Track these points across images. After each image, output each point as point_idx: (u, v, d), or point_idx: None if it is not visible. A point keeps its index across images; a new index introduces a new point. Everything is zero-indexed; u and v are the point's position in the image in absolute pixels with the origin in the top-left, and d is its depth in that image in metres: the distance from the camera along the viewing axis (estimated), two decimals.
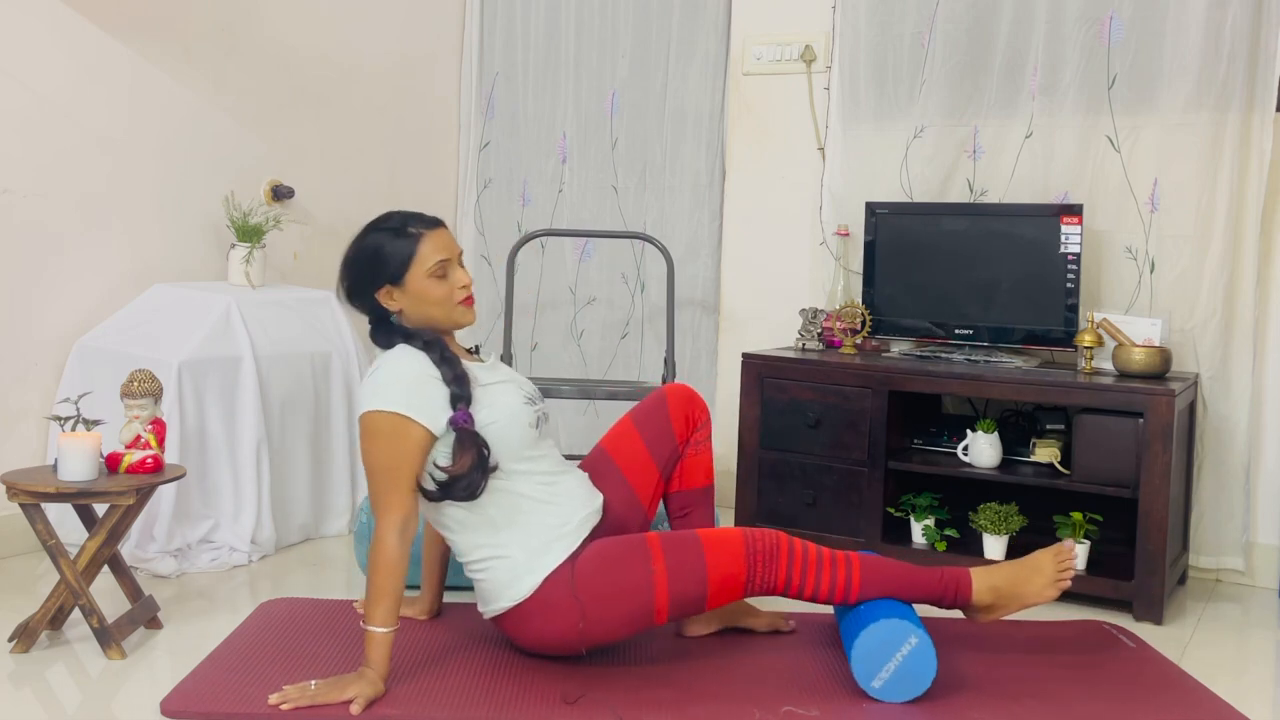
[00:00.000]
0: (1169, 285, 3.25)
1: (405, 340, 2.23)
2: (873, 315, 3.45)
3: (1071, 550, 2.37)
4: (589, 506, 2.31)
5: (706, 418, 2.53)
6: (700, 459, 2.52)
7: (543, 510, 2.24)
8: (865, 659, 2.17)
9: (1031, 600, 2.34)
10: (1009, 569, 2.36)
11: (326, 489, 3.42)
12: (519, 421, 2.25)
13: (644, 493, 2.45)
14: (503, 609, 2.24)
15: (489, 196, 4.41)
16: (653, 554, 2.21)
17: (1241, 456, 3.16)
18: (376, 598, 2.09)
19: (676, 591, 2.19)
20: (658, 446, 2.47)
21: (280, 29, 3.77)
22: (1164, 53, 3.23)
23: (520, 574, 2.20)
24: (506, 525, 2.22)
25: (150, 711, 2.07)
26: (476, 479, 2.16)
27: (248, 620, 2.55)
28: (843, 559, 2.27)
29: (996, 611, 2.35)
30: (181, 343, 3.05)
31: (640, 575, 2.19)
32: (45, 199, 3.11)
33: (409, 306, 2.25)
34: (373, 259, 2.24)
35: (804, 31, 3.81)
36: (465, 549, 2.26)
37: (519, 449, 2.24)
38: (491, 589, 2.25)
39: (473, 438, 2.16)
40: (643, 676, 2.26)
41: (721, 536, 2.24)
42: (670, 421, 2.48)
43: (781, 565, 2.22)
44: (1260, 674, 2.59)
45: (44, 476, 2.39)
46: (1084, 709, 2.18)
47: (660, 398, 2.51)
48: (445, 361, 2.19)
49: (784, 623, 2.57)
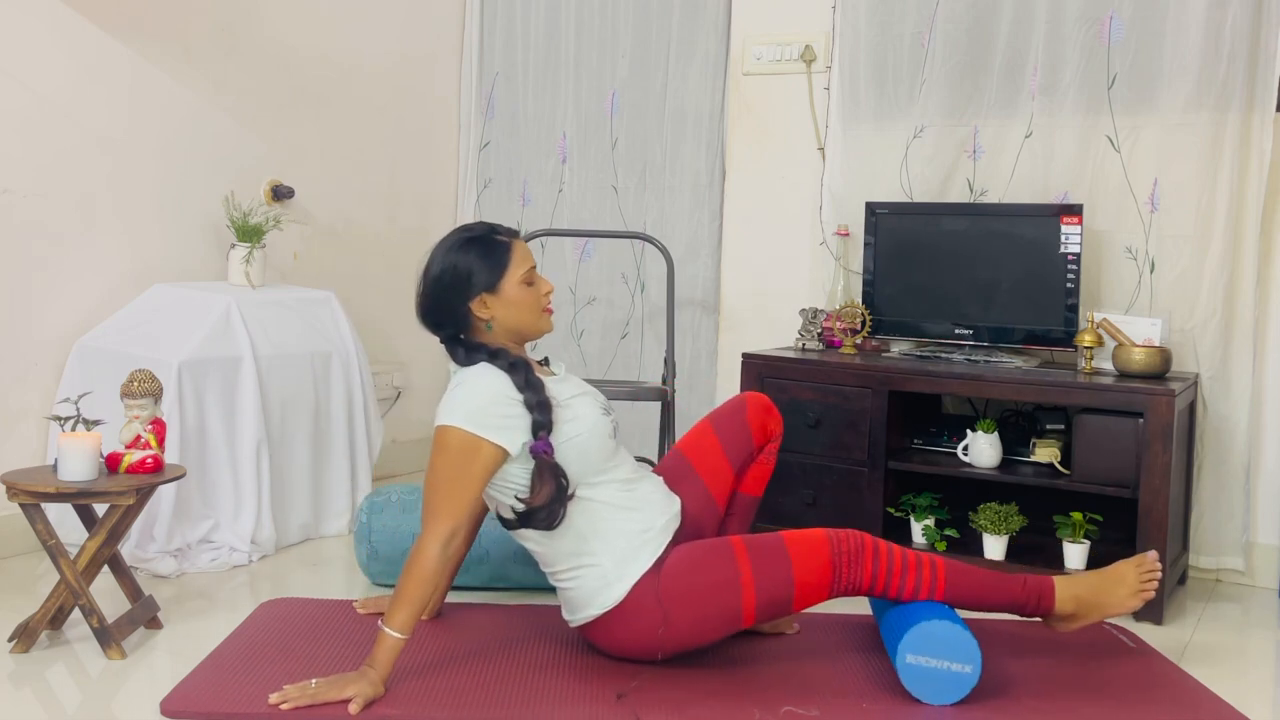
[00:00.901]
0: (1169, 285, 3.25)
1: (490, 358, 2.22)
2: (873, 315, 3.45)
3: (1155, 560, 2.37)
4: (669, 511, 2.32)
5: (780, 431, 2.58)
6: (763, 469, 2.56)
7: (626, 517, 2.25)
8: (923, 639, 2.15)
9: (1114, 610, 2.35)
10: (1092, 579, 2.37)
11: (326, 489, 3.42)
12: (599, 433, 2.26)
13: (720, 493, 2.48)
14: (592, 616, 2.24)
15: (489, 196, 4.41)
16: (738, 558, 2.21)
17: (1241, 456, 3.16)
18: (402, 603, 2.09)
19: (764, 594, 2.20)
20: (734, 449, 2.50)
21: (280, 29, 3.77)
22: (1164, 53, 3.23)
23: (610, 581, 2.21)
24: (592, 534, 2.22)
25: (150, 711, 2.07)
26: (556, 510, 2.17)
27: (248, 620, 2.55)
28: (927, 561, 2.26)
29: (1078, 621, 2.35)
30: (181, 343, 3.05)
31: (727, 579, 2.20)
32: (45, 199, 3.11)
33: (501, 314, 2.25)
34: (469, 266, 2.23)
35: (804, 31, 3.81)
36: (551, 559, 2.27)
37: (600, 460, 2.25)
38: (580, 597, 2.25)
39: (553, 469, 2.16)
40: (643, 677, 2.25)
41: (806, 538, 2.24)
42: (749, 427, 2.51)
43: (867, 566, 2.22)
44: (1260, 674, 2.59)
45: (44, 476, 2.39)
46: (1084, 709, 2.18)
47: (741, 402, 2.55)
48: (530, 386, 2.18)
49: (789, 625, 2.57)
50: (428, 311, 2.28)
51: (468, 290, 2.23)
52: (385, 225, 4.22)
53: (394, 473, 4.13)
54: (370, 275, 4.11)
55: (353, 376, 3.47)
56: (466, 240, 2.26)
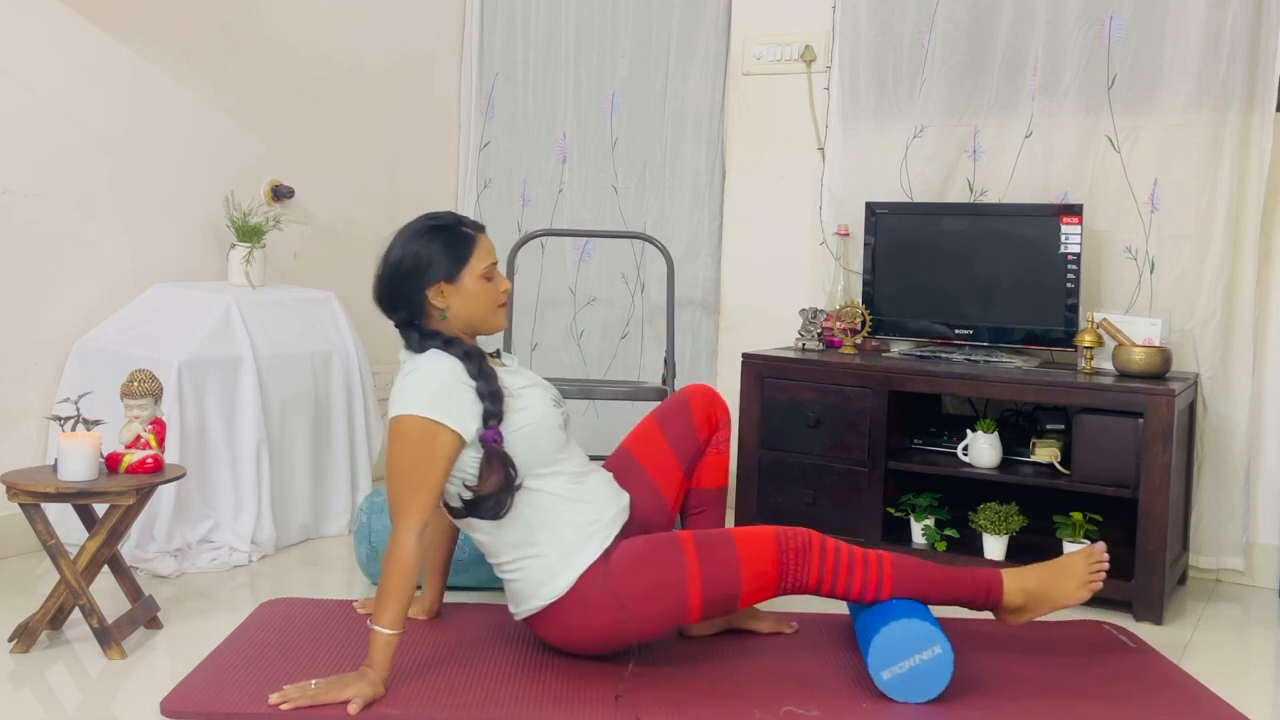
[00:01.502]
0: (1169, 285, 3.25)
1: (444, 346, 2.22)
2: (873, 315, 3.45)
3: (1103, 551, 2.38)
4: (617, 504, 2.32)
5: (728, 418, 2.56)
6: (719, 459, 2.54)
7: (574, 509, 2.25)
8: (884, 651, 2.16)
9: (1063, 602, 2.35)
10: (1040, 570, 2.37)
11: (326, 489, 3.42)
12: (549, 424, 2.26)
13: (669, 491, 2.47)
14: (537, 608, 2.24)
15: (489, 196, 4.41)
16: (686, 553, 2.21)
17: (1241, 456, 3.16)
18: (388, 600, 2.09)
19: (710, 590, 2.20)
20: (681, 445, 2.49)
21: (280, 29, 3.77)
22: (1164, 53, 3.23)
23: (555, 572, 2.21)
24: (539, 525, 2.23)
25: (150, 711, 2.07)
26: (504, 499, 2.17)
27: (248, 620, 2.55)
28: (874, 558, 2.27)
29: (1027, 613, 2.35)
30: (181, 343, 3.05)
31: (675, 573, 2.20)
32: (45, 199, 3.11)
33: (457, 305, 2.25)
34: (430, 254, 2.23)
35: (804, 31, 3.81)
36: (496, 550, 2.27)
37: (549, 451, 2.25)
38: (524, 588, 2.25)
39: (501, 458, 2.16)
40: (643, 675, 2.26)
41: (754, 535, 2.25)
42: (693, 421, 2.50)
43: (814, 563, 2.23)
44: (1260, 674, 2.59)
45: (44, 476, 2.39)
46: (1084, 709, 2.18)
47: (683, 398, 2.53)
48: (483, 375, 2.19)
49: (786, 625, 2.57)
50: (384, 294, 2.29)
51: (426, 277, 2.24)
52: (385, 225, 4.16)
53: None
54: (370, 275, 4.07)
55: (353, 376, 3.47)
56: (431, 228, 2.27)
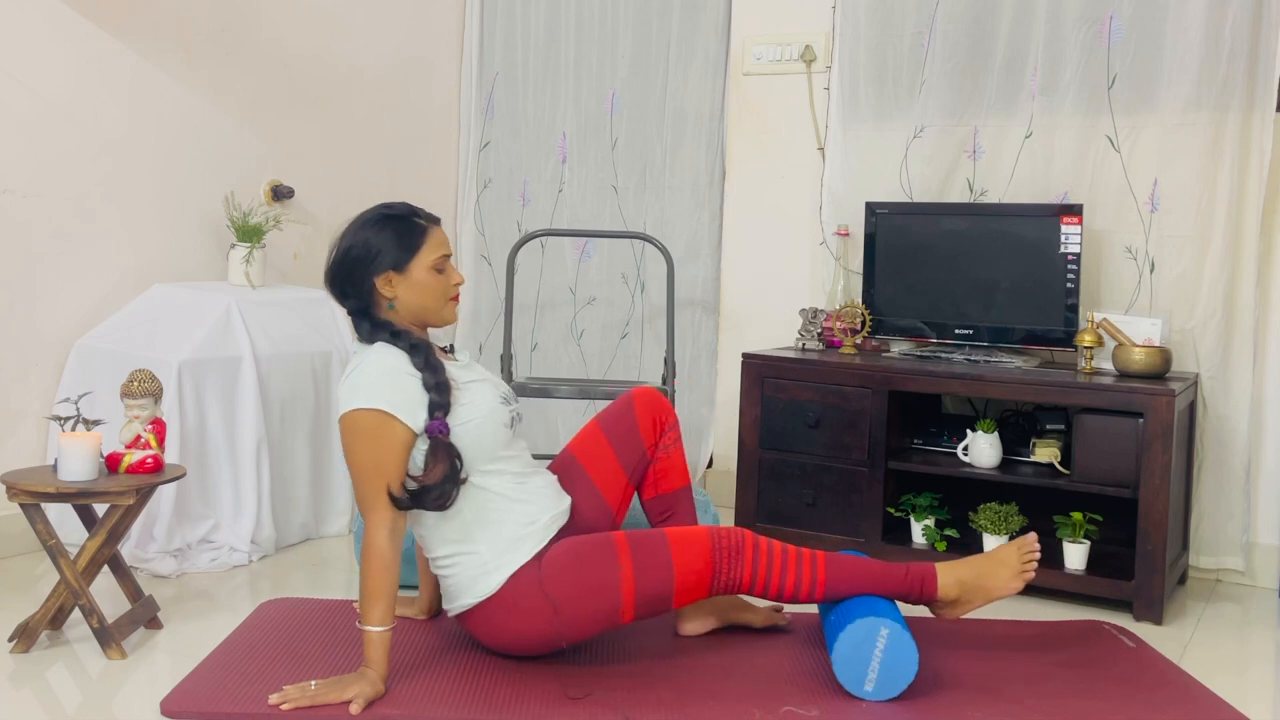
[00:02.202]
0: (1169, 285, 3.25)
1: (392, 338, 2.22)
2: (873, 315, 3.45)
3: (1035, 542, 2.37)
4: (557, 507, 2.32)
5: (674, 420, 2.53)
6: (673, 461, 2.52)
7: (513, 508, 2.25)
8: (848, 667, 2.17)
9: (998, 593, 2.34)
10: (973, 562, 2.37)
11: (326, 489, 3.42)
12: (495, 420, 2.25)
13: (612, 497, 2.45)
14: (467, 605, 2.24)
15: (489, 196, 4.41)
16: (619, 552, 2.21)
17: (1241, 456, 3.16)
18: (371, 598, 2.09)
19: (643, 589, 2.20)
20: (626, 452, 2.47)
21: (280, 29, 3.77)
22: (1164, 53, 3.23)
23: (488, 570, 2.21)
24: (477, 522, 2.22)
25: (150, 711, 2.07)
26: (449, 490, 2.16)
27: (248, 620, 2.55)
28: (808, 556, 2.28)
29: (963, 606, 2.35)
30: (181, 343, 3.05)
31: (607, 573, 2.20)
32: (45, 199, 3.11)
33: (405, 295, 2.24)
34: (380, 242, 2.22)
35: (804, 31, 3.81)
36: (433, 545, 2.27)
37: (494, 448, 2.25)
38: (457, 585, 2.25)
39: (447, 449, 2.16)
40: (642, 676, 2.26)
41: (687, 534, 2.25)
42: (638, 426, 2.48)
43: (746, 563, 2.23)
44: (1260, 674, 2.59)
45: (44, 476, 2.39)
46: (1084, 709, 2.18)
47: (627, 402, 2.51)
48: (429, 367, 2.18)
49: (781, 617, 2.58)
50: (334, 281, 2.27)
51: (374, 265, 2.22)
52: None
53: None
54: None
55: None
56: (384, 217, 2.26)
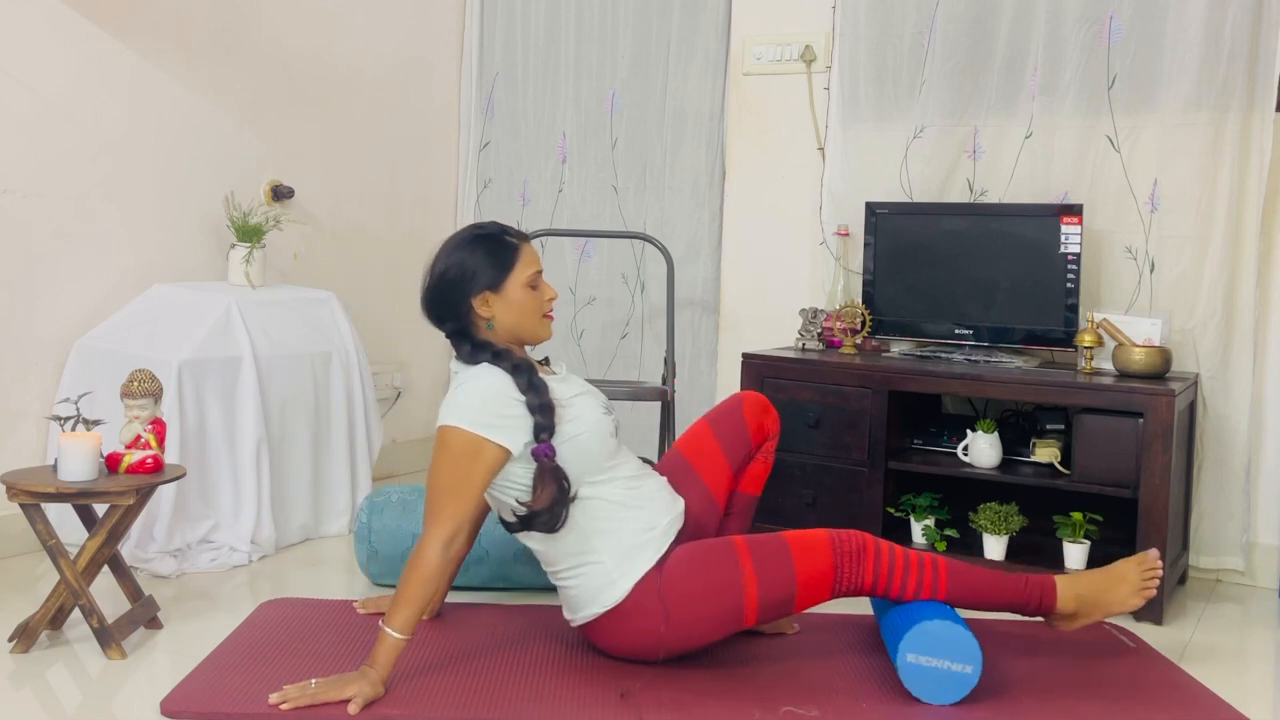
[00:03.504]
0: (1169, 285, 3.25)
1: (494, 358, 2.22)
2: (873, 315, 3.45)
3: (1156, 558, 2.38)
4: (673, 510, 2.32)
5: (778, 431, 2.58)
6: (763, 468, 2.56)
7: (630, 515, 2.25)
8: (925, 638, 2.15)
9: (1115, 609, 2.36)
10: (1094, 577, 2.38)
11: (326, 489, 3.42)
12: (601, 432, 2.26)
13: (720, 494, 2.48)
14: (594, 615, 2.25)
15: (489, 196, 4.41)
16: (741, 558, 2.21)
17: (1241, 456, 3.16)
18: (403, 603, 2.09)
19: (766, 594, 2.20)
20: (733, 448, 2.50)
21: (280, 30, 3.77)
22: (1164, 53, 3.23)
23: (613, 579, 2.21)
24: (595, 532, 2.23)
25: (150, 711, 2.07)
26: (559, 512, 2.17)
27: (248, 620, 2.55)
28: (929, 561, 2.27)
29: (1079, 620, 2.36)
30: (181, 343, 3.05)
31: (729, 578, 2.20)
32: (45, 199, 3.11)
33: (501, 314, 2.25)
34: (475, 262, 2.23)
35: (804, 31, 3.81)
36: (554, 558, 2.27)
37: (601, 460, 2.25)
38: (582, 596, 2.25)
39: (554, 472, 2.16)
40: (643, 676, 2.25)
41: (808, 538, 2.25)
42: (746, 427, 2.52)
43: (869, 567, 2.22)
44: (1260, 674, 2.59)
45: (44, 476, 2.39)
46: (1084, 709, 2.18)
47: (737, 402, 2.55)
48: (533, 389, 2.18)
49: (789, 625, 2.58)
50: (431, 305, 2.29)
51: (471, 287, 2.23)
52: (385, 226, 4.22)
53: (394, 473, 4.13)
54: (370, 275, 4.11)
55: (353, 376, 3.47)
56: (476, 237, 2.27)
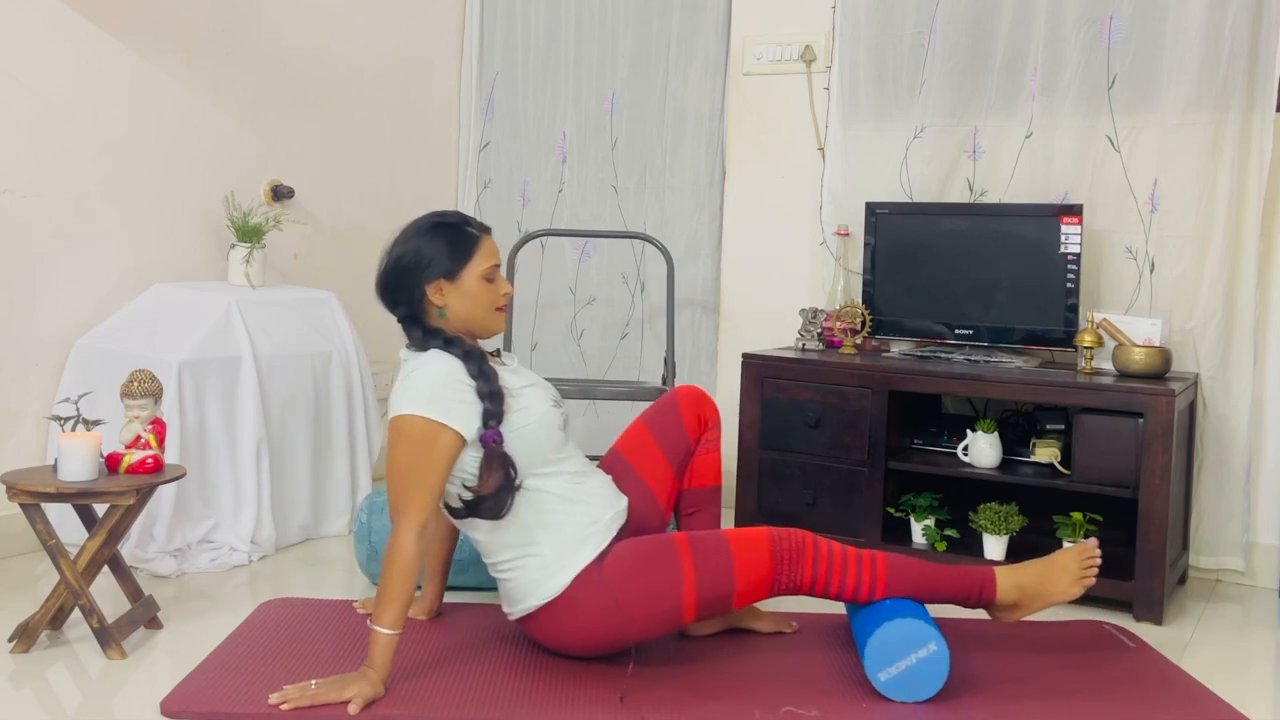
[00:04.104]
0: (1169, 285, 3.25)
1: (445, 345, 2.23)
2: (873, 315, 3.45)
3: (1095, 547, 2.38)
4: (615, 506, 2.33)
5: (717, 418, 2.56)
6: (710, 458, 2.54)
7: (572, 509, 2.25)
8: (880, 651, 2.17)
9: (1056, 599, 2.36)
10: (1033, 567, 2.38)
11: (326, 489, 3.42)
12: (549, 424, 2.27)
13: (661, 493, 2.47)
14: (532, 608, 2.24)
15: (489, 196, 4.41)
16: (681, 554, 2.22)
17: (1241, 456, 3.16)
18: (387, 600, 2.09)
19: (705, 590, 2.21)
20: (671, 447, 2.49)
21: (280, 30, 3.77)
22: (1164, 53, 3.23)
23: (551, 572, 2.21)
24: (537, 525, 2.23)
25: (150, 711, 2.07)
26: (504, 498, 2.17)
27: (248, 620, 2.55)
28: (868, 558, 2.28)
29: (1021, 611, 2.36)
30: (181, 343, 3.05)
31: (669, 574, 2.20)
32: (45, 199, 3.11)
33: (455, 304, 2.26)
34: (433, 250, 2.24)
35: (804, 31, 3.81)
36: (493, 549, 2.27)
37: (548, 452, 2.26)
38: (520, 588, 2.25)
39: (501, 458, 2.17)
40: (644, 676, 2.25)
41: (748, 535, 2.26)
42: (683, 423, 2.51)
43: (807, 564, 2.24)
44: (1260, 674, 2.59)
45: (44, 476, 2.39)
46: (1084, 709, 2.18)
47: (672, 399, 2.54)
48: (484, 375, 2.19)
49: (787, 625, 2.57)
50: (385, 288, 2.30)
51: (426, 273, 2.24)
52: (385, 225, 4.16)
53: None
54: (370, 275, 4.04)
55: (353, 376, 3.47)
56: (436, 225, 2.28)
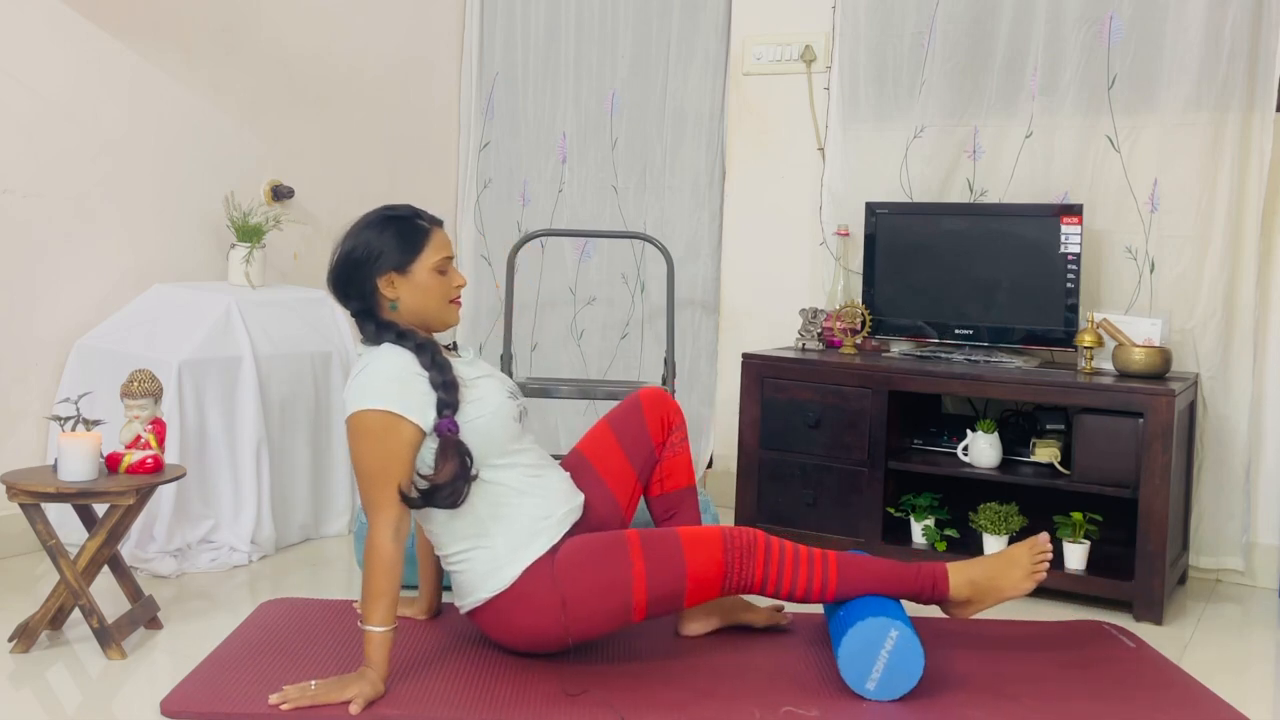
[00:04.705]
0: (1169, 285, 3.25)
1: (398, 339, 2.22)
2: (873, 315, 3.45)
3: (1046, 542, 2.38)
4: (571, 502, 2.32)
5: (681, 420, 2.56)
6: (679, 460, 2.54)
7: (526, 502, 2.25)
8: (853, 664, 2.17)
9: (1009, 593, 2.35)
10: (985, 563, 2.38)
11: (326, 489, 3.42)
12: (504, 415, 2.26)
13: (621, 495, 2.47)
14: (481, 600, 2.24)
15: (489, 196, 4.41)
16: (632, 550, 2.22)
17: (1241, 456, 3.16)
18: (373, 598, 2.09)
19: (655, 589, 2.21)
20: (634, 450, 2.49)
21: (280, 30, 3.77)
22: (1164, 53, 3.23)
23: (501, 564, 2.21)
24: (490, 517, 2.23)
25: (150, 711, 2.07)
26: (460, 487, 2.16)
27: (248, 620, 2.55)
28: (820, 557, 2.28)
29: (974, 606, 2.36)
30: (181, 343, 3.05)
31: (619, 571, 2.20)
32: (45, 199, 3.11)
33: (407, 296, 2.25)
34: (383, 243, 2.23)
35: (804, 31, 3.81)
36: (446, 541, 2.27)
37: (504, 442, 2.25)
38: (470, 580, 2.25)
39: (456, 446, 2.16)
40: (642, 676, 2.26)
41: (700, 534, 2.26)
42: (646, 425, 2.50)
43: (758, 563, 2.24)
44: (1260, 674, 2.59)
45: (44, 476, 2.39)
46: (1084, 709, 2.18)
47: (635, 402, 2.53)
48: (436, 365, 2.19)
49: (782, 617, 2.58)
50: (336, 282, 2.29)
51: (376, 267, 2.23)
52: None
53: None
54: None
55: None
56: (386, 218, 2.27)
